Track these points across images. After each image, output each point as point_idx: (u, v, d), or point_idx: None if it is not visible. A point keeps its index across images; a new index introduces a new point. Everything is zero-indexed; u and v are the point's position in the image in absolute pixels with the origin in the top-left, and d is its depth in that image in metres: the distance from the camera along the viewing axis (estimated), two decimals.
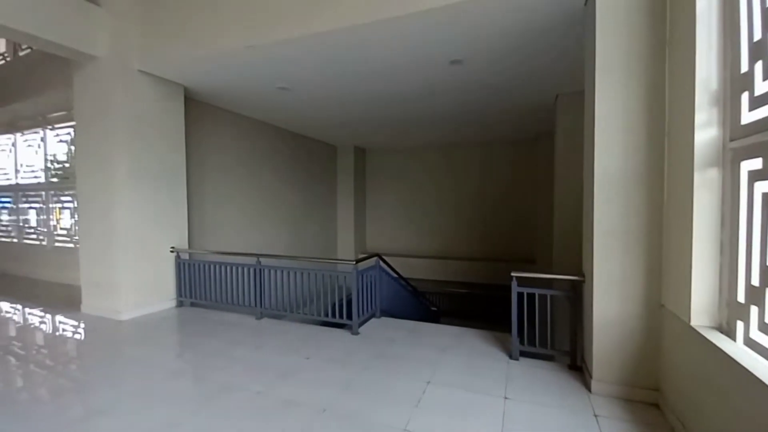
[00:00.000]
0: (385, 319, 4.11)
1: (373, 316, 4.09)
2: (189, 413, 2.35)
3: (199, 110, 5.39)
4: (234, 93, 5.15)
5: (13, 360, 3.20)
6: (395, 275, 5.74)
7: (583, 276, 2.78)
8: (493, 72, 4.20)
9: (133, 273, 4.25)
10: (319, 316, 3.95)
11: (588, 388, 2.58)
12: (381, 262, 4.38)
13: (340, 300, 4.03)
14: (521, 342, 3.06)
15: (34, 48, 5.50)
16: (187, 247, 4.82)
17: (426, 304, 7.11)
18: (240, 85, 4.79)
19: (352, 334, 3.63)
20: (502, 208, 8.78)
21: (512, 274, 3.03)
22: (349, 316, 3.73)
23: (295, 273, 4.06)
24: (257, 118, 6.66)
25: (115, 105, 4.12)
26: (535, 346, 3.07)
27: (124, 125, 4.15)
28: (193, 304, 4.66)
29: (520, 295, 3.04)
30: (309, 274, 4.00)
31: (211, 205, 5.72)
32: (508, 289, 3.05)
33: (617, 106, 2.46)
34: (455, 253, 9.15)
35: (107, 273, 4.26)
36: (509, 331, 3.11)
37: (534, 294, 3.07)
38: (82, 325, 4.02)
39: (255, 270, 4.21)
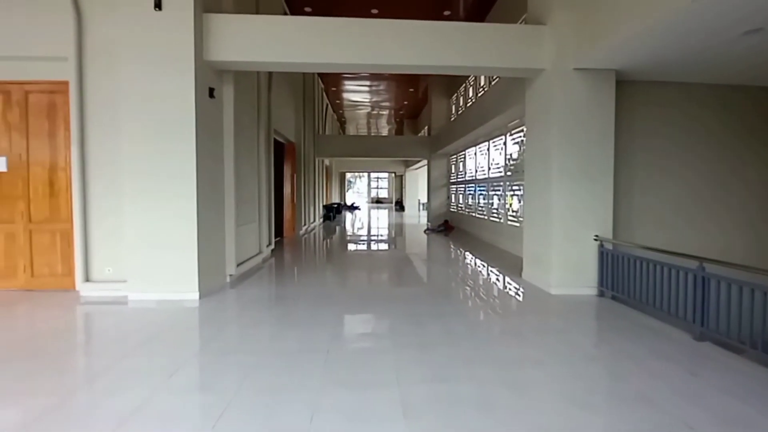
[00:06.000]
0: None
1: None
2: (600, 407, 2.41)
3: (627, 91, 5.08)
4: (671, 59, 4.32)
5: (478, 302, 4.70)
6: None
7: None
8: None
9: (560, 254, 4.79)
10: None
11: None
12: None
13: None
14: None
15: (500, 77, 7.40)
16: (610, 237, 4.75)
17: None
18: (681, 47, 3.95)
19: None
20: None
21: None
22: None
23: (764, 293, 2.88)
24: (699, 82, 5.18)
25: (555, 106, 4.74)
26: None
27: (558, 123, 4.72)
28: (614, 298, 4.56)
29: None
30: None
31: (637, 195, 5.24)
32: None
33: None
34: None
35: (542, 250, 5.08)
36: None
37: None
38: (522, 289, 5.09)
39: (695, 276, 3.42)
